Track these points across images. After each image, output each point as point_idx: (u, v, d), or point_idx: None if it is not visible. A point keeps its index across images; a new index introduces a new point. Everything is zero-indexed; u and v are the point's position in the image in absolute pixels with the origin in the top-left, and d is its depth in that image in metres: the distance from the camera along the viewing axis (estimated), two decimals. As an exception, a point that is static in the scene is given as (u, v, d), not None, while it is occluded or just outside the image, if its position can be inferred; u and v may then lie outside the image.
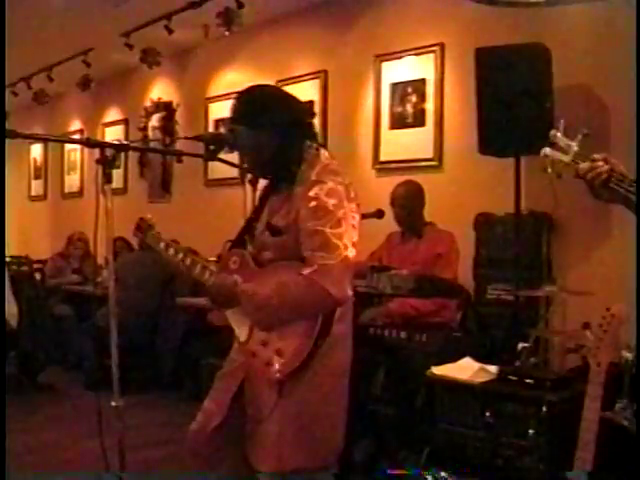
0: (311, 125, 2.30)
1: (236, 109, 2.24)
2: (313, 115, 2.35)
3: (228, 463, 2.28)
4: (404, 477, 3.06)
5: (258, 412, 2.17)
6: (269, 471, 2.13)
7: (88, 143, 2.11)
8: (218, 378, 2.35)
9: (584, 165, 1.94)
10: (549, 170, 2.06)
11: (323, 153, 2.21)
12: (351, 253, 2.03)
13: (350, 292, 2.06)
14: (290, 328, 2.07)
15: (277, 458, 2.11)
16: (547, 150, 2.05)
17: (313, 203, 2.06)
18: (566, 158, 2.02)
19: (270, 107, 2.21)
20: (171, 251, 2.48)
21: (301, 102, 2.35)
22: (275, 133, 2.17)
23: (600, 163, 1.91)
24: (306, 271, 2.00)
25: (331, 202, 2.04)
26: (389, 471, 3.03)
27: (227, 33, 5.27)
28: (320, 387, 2.13)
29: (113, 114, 8.05)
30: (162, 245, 2.52)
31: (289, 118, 2.20)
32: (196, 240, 6.16)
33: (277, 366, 2.09)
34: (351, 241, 2.05)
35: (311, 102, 5.18)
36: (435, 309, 3.65)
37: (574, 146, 2.03)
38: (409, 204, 3.89)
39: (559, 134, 2.06)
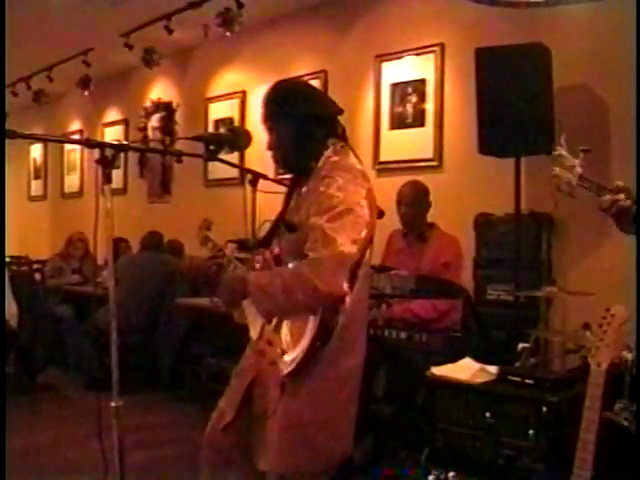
0: (336, 122, 2.26)
1: (262, 104, 2.26)
2: (339, 112, 2.29)
3: (238, 464, 2.26)
4: (405, 477, 3.07)
5: (263, 410, 2.18)
6: (268, 470, 2.13)
7: (88, 143, 2.10)
8: (233, 375, 2.36)
9: (606, 199, 1.89)
10: (563, 189, 2.05)
11: (342, 150, 2.19)
12: (349, 248, 1.99)
13: (345, 288, 1.99)
14: (294, 329, 2.07)
15: (277, 457, 2.11)
16: (557, 170, 2.05)
17: (318, 198, 2.06)
18: (573, 180, 2.00)
19: (289, 100, 2.21)
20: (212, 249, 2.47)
21: (327, 98, 2.34)
22: (294, 126, 2.18)
23: (622, 196, 1.86)
24: (299, 263, 2.02)
25: (335, 197, 2.03)
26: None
27: (227, 33, 5.27)
28: (325, 391, 2.11)
29: (113, 114, 8.06)
30: (210, 246, 2.54)
31: (308, 112, 2.19)
32: (196, 240, 6.17)
33: (280, 366, 2.09)
34: (352, 237, 2.00)
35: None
36: (437, 317, 3.64)
37: (577, 167, 2.01)
38: (416, 203, 3.86)
39: (563, 152, 2.05)
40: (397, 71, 4.93)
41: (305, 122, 2.18)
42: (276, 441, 2.11)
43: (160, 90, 7.29)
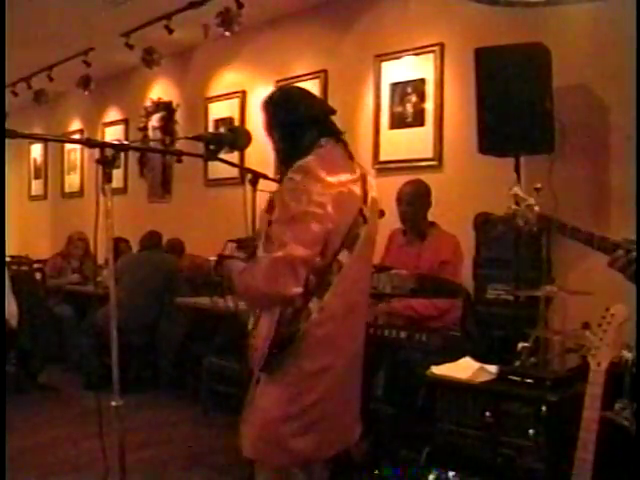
0: (327, 123, 2.28)
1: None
2: (330, 112, 2.32)
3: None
4: (404, 477, 3.07)
5: (250, 397, 2.25)
6: (244, 455, 2.20)
7: (88, 143, 2.11)
8: None
9: (619, 257, 2.03)
10: (520, 223, 2.17)
11: (323, 151, 2.20)
12: (299, 252, 2.01)
13: (295, 290, 2.02)
14: (262, 329, 2.14)
15: (250, 444, 2.19)
16: (513, 207, 2.17)
17: (277, 200, 2.11)
18: (532, 219, 2.14)
19: (277, 107, 2.29)
20: None
21: (316, 100, 2.37)
22: (282, 132, 2.25)
23: (621, 252, 2.01)
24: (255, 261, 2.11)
25: (289, 199, 2.06)
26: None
27: (227, 33, 5.27)
28: (291, 387, 2.13)
29: (113, 114, 8.06)
30: None
31: (294, 117, 2.24)
32: (196, 240, 6.18)
33: (252, 360, 2.18)
34: (303, 241, 2.02)
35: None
36: (437, 315, 3.64)
37: (534, 205, 2.14)
38: (416, 202, 3.86)
39: (519, 191, 2.19)
40: (397, 71, 4.93)
41: (292, 127, 2.24)
42: (250, 429, 2.19)
43: (160, 90, 7.29)
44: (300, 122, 2.23)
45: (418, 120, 4.80)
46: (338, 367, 2.18)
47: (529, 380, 2.82)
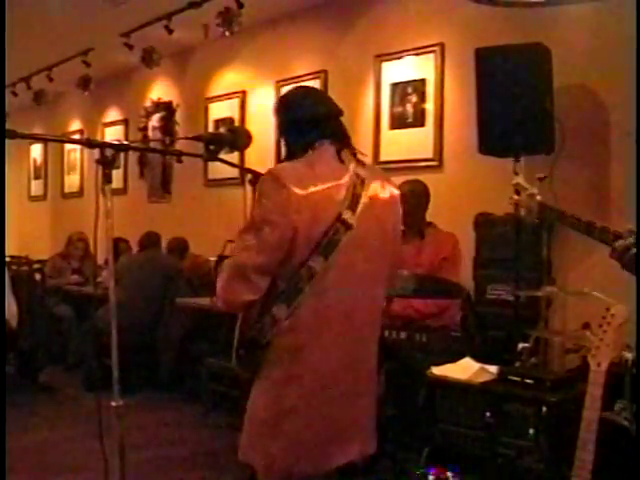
0: (328, 124, 2.21)
1: None
2: (333, 114, 2.25)
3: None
4: (405, 477, 3.07)
5: None
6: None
7: (88, 143, 2.10)
8: None
9: (619, 245, 2.01)
10: (523, 213, 2.18)
11: (311, 154, 2.14)
12: (252, 259, 2.01)
13: (244, 297, 2.04)
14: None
15: (239, 446, 2.19)
16: (516, 197, 2.17)
17: None
18: (534, 207, 2.12)
19: (280, 108, 2.28)
20: None
21: (321, 101, 2.30)
22: (283, 132, 2.26)
23: (621, 241, 2.00)
24: None
25: (255, 208, 2.07)
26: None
27: (227, 33, 5.27)
28: (265, 393, 2.13)
29: (113, 114, 8.06)
30: None
31: (291, 118, 2.22)
32: (196, 240, 6.18)
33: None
34: (256, 246, 2.00)
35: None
36: (437, 312, 3.64)
37: (537, 195, 2.12)
38: (414, 201, 3.86)
39: (521, 181, 2.17)
40: (397, 71, 4.93)
41: (292, 128, 2.22)
42: (242, 432, 2.20)
43: (160, 90, 7.29)
44: (299, 123, 2.20)
45: (418, 120, 4.80)
46: (307, 379, 2.09)
47: (529, 381, 2.82)
